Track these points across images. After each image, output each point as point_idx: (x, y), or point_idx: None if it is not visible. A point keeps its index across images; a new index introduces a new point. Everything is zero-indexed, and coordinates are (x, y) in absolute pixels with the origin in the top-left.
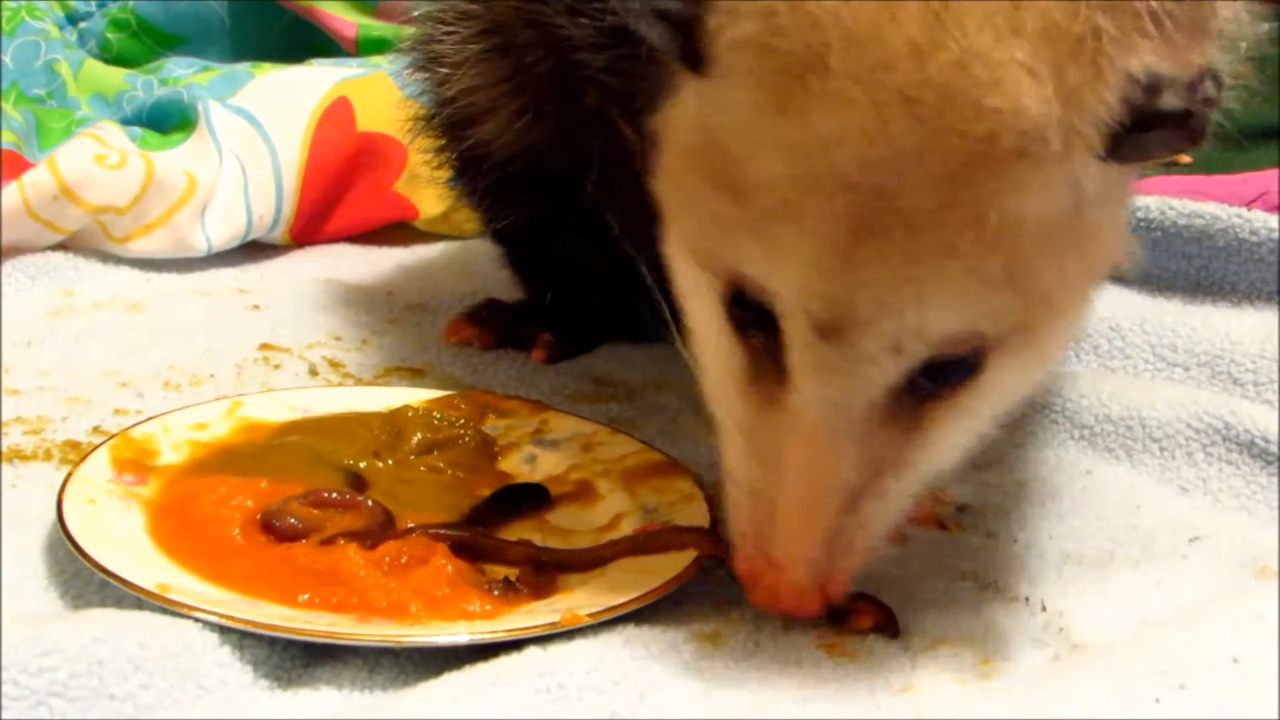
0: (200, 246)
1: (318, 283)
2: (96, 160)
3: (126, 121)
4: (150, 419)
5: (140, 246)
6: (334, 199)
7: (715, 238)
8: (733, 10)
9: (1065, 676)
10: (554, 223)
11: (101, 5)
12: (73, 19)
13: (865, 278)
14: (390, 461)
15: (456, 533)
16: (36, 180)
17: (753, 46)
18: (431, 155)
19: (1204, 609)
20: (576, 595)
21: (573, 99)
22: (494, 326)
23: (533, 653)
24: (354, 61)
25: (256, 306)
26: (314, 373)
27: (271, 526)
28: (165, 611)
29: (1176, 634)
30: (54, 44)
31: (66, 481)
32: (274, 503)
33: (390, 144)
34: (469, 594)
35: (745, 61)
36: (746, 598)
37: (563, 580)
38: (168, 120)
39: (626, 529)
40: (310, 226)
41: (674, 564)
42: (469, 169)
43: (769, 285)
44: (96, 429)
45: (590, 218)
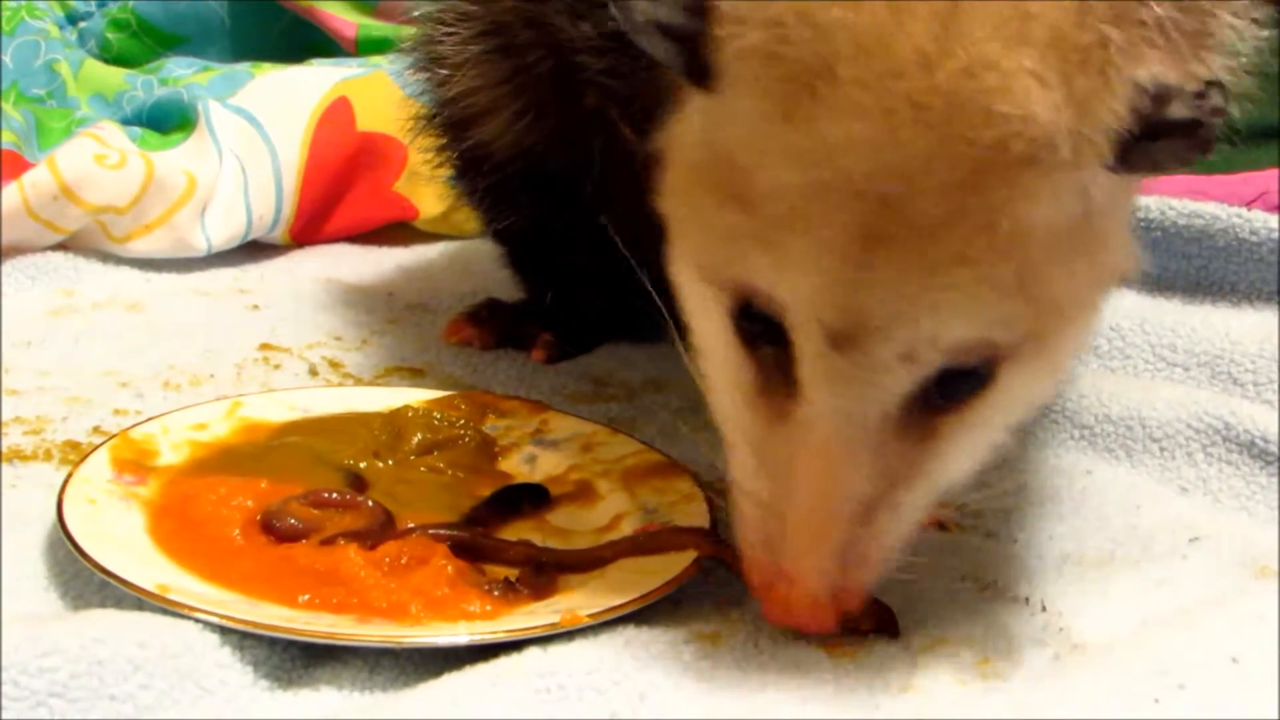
0: (200, 246)
1: (318, 283)
2: (96, 160)
3: (126, 121)
4: (150, 419)
5: (140, 246)
6: (334, 199)
7: (723, 251)
8: (738, 20)
9: (1065, 676)
10: (554, 223)
11: (101, 5)
12: (73, 19)
13: (877, 286)
14: (390, 462)
15: (456, 533)
16: (36, 180)
17: (759, 55)
18: (432, 155)
19: (1204, 609)
20: (576, 596)
21: (573, 100)
22: (494, 326)
23: (533, 653)
24: (354, 61)
25: (256, 306)
26: (314, 373)
27: (272, 527)
28: (165, 612)
29: (1176, 634)
30: (54, 44)
31: (67, 482)
32: (274, 503)
33: (390, 144)
34: (469, 594)
35: (752, 71)
36: (763, 613)
37: (563, 581)
38: (168, 120)
39: (626, 529)
40: (310, 226)
41: (674, 565)
42: (470, 169)
43: (778, 295)
44: (96, 429)
45: (591, 218)
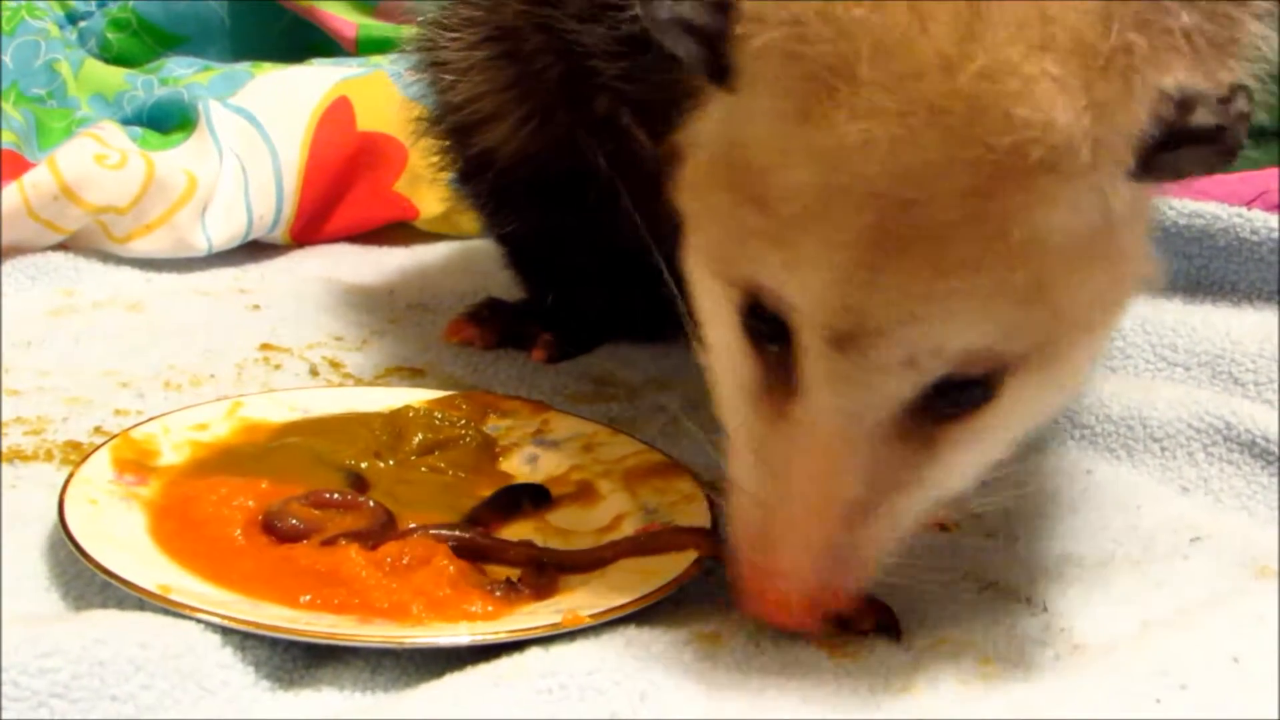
0: (201, 246)
1: (318, 283)
2: (97, 160)
3: (127, 121)
4: (151, 419)
5: (141, 246)
6: (334, 199)
7: (735, 248)
8: (759, 19)
9: (1066, 676)
10: (558, 227)
11: (101, 5)
12: (73, 18)
13: (885, 288)
14: (391, 462)
15: (458, 533)
16: (37, 180)
17: (780, 54)
18: (436, 157)
19: (1205, 609)
20: (578, 596)
21: (583, 105)
22: (495, 326)
23: (534, 653)
24: (354, 61)
25: (257, 306)
26: (314, 373)
27: (273, 527)
28: (167, 612)
29: (1177, 634)
30: (54, 43)
31: (68, 482)
32: (275, 503)
33: (391, 144)
34: (470, 595)
35: (771, 70)
36: (739, 606)
37: (564, 581)
38: (168, 120)
39: (627, 529)
40: (311, 226)
41: (675, 565)
42: (473, 174)
43: (785, 294)
44: (97, 429)
45: (594, 221)
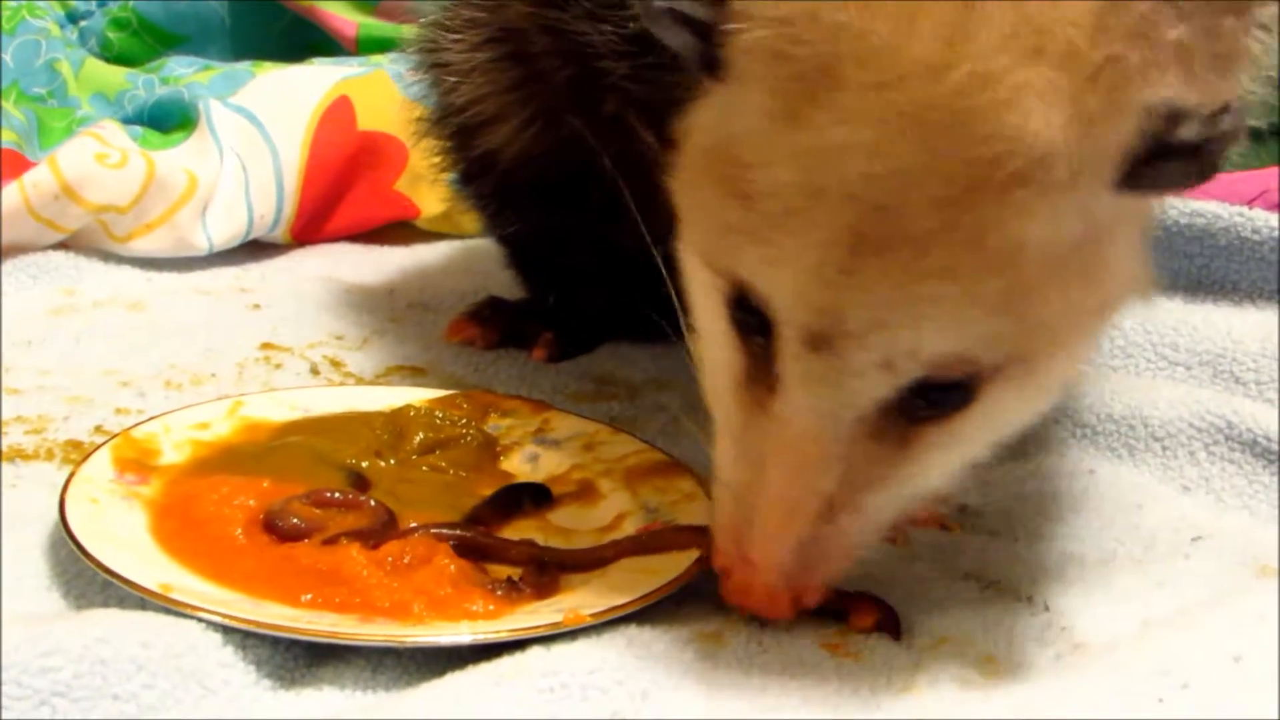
0: (201, 245)
1: (319, 282)
2: (97, 159)
3: (127, 120)
4: (152, 418)
5: (141, 245)
6: (335, 198)
7: (720, 241)
8: (749, 15)
9: (1068, 676)
10: (560, 229)
11: (102, 4)
12: (73, 18)
13: (859, 291)
14: (392, 461)
15: (459, 532)
16: (37, 179)
17: (767, 52)
18: (438, 158)
19: (1206, 608)
20: (579, 595)
21: (591, 107)
22: (496, 325)
23: (536, 652)
24: (355, 60)
25: (257, 306)
26: (315, 372)
27: (274, 526)
28: (168, 611)
29: (1179, 633)
30: (55, 43)
31: (69, 481)
32: (276, 502)
33: (391, 143)
34: (472, 594)
35: (759, 67)
36: (721, 592)
37: (565, 580)
38: (169, 119)
39: (629, 528)
40: (311, 225)
41: (676, 564)
42: (476, 176)
43: (765, 291)
44: (98, 428)
45: (596, 223)
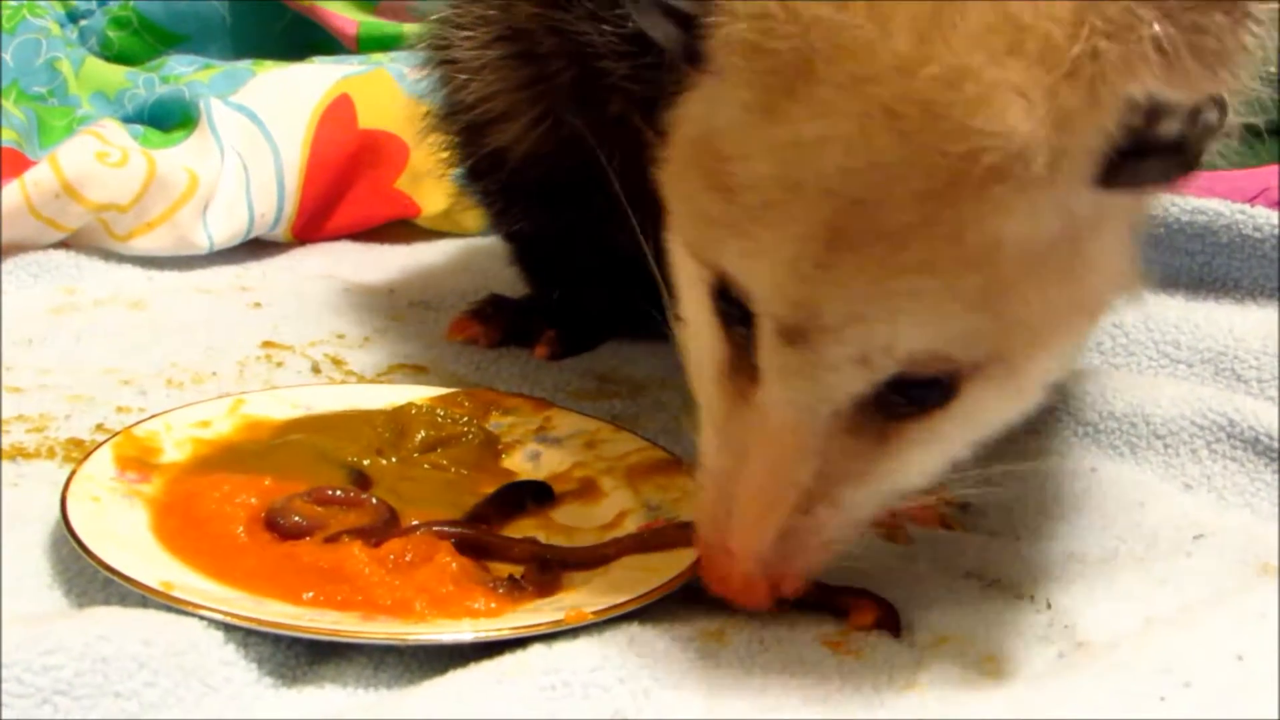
0: (202, 244)
1: (320, 280)
2: (98, 158)
3: (128, 119)
4: (153, 417)
5: (142, 244)
6: (336, 196)
7: (704, 232)
8: (730, 9)
9: (1070, 674)
10: (566, 227)
11: (102, 3)
12: (74, 17)
13: (835, 286)
14: (394, 459)
15: (460, 530)
16: (38, 178)
17: (746, 46)
18: (445, 154)
19: (1208, 606)
20: (581, 593)
21: (596, 108)
22: (499, 323)
23: (537, 650)
24: (355, 59)
25: (258, 304)
26: (316, 370)
27: (275, 524)
28: (170, 609)
29: (1181, 632)
30: (55, 42)
31: (70, 479)
32: (278, 500)
33: (392, 141)
34: (474, 591)
35: (738, 61)
36: (703, 578)
37: (567, 578)
38: (169, 118)
39: (630, 526)
40: (312, 224)
41: (678, 562)
42: (483, 173)
43: (744, 284)
44: (99, 427)
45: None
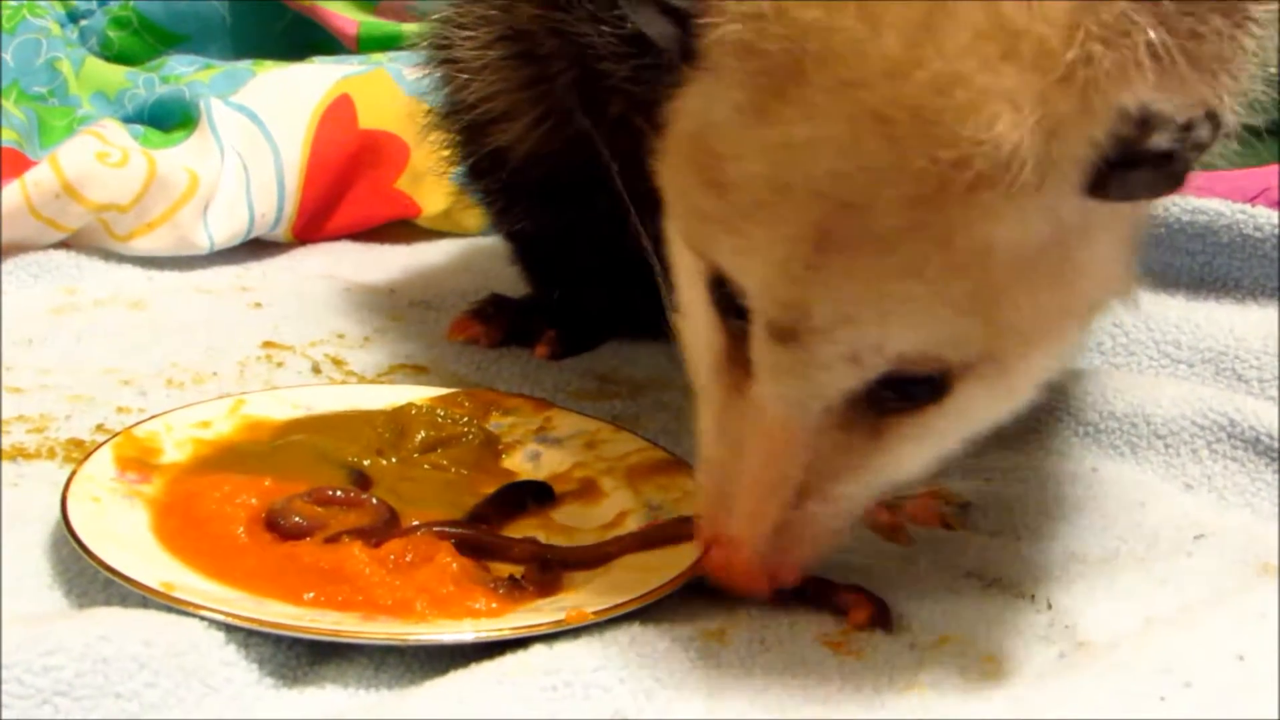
0: (202, 244)
1: (320, 280)
2: (98, 158)
3: (128, 119)
4: (153, 417)
5: (142, 244)
6: (336, 196)
7: (699, 226)
8: (723, 9)
9: (1070, 674)
10: (568, 227)
11: (103, 3)
12: (74, 17)
13: (825, 287)
14: (394, 459)
15: (461, 530)
16: (38, 178)
17: (738, 46)
18: (446, 153)
19: (1208, 606)
20: (582, 593)
21: (597, 109)
22: (499, 323)
23: (538, 650)
24: (355, 59)
25: (259, 304)
26: (317, 370)
27: (276, 524)
28: (170, 610)
29: (1181, 632)
30: (55, 42)
31: (70, 480)
32: (278, 501)
33: (392, 141)
34: (474, 592)
35: (731, 61)
36: (704, 565)
37: (568, 578)
38: (170, 118)
39: (631, 526)
40: (312, 224)
41: (679, 561)
42: (485, 173)
43: (738, 280)
44: (100, 427)
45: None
